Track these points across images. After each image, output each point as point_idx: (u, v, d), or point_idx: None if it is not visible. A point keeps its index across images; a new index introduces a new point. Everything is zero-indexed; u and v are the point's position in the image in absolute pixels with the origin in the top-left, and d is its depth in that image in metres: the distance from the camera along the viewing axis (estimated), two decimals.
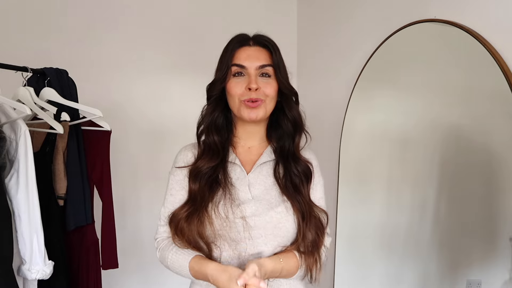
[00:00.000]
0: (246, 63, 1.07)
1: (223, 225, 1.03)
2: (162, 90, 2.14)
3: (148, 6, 2.10)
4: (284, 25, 2.42)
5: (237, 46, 1.10)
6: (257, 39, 1.11)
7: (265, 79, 1.08)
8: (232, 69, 1.08)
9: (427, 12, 1.58)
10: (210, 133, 1.12)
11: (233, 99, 1.09)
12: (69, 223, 1.43)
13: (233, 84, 1.08)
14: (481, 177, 1.42)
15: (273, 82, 1.09)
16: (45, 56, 1.76)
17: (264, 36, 1.12)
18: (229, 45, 1.11)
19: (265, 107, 1.08)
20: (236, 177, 1.10)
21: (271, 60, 1.09)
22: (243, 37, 1.12)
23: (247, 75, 1.08)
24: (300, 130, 1.14)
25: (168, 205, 1.12)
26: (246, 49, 1.10)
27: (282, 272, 1.02)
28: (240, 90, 1.07)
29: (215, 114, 1.12)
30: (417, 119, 1.65)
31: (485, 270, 1.38)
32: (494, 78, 1.33)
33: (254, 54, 1.09)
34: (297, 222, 1.06)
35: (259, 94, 1.06)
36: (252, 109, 1.07)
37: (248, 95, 1.06)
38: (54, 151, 1.44)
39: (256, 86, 1.05)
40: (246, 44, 1.10)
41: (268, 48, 1.10)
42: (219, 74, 1.10)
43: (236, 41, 1.11)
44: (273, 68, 1.09)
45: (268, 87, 1.08)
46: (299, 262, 1.04)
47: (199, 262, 1.01)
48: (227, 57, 1.09)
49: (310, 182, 1.12)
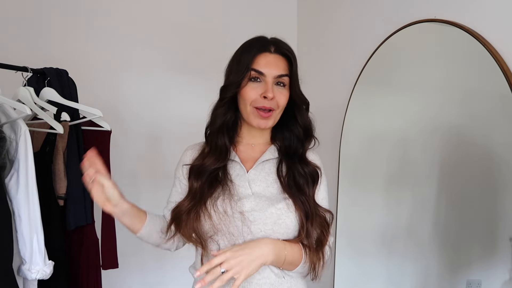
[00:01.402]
0: (265, 70, 1.06)
1: (222, 219, 1.04)
2: (162, 90, 2.14)
3: (148, 6, 2.10)
4: (284, 25, 2.41)
5: (258, 51, 1.08)
6: (279, 47, 1.10)
7: (280, 88, 1.08)
8: (251, 73, 1.07)
9: (427, 12, 1.58)
10: (221, 135, 1.12)
11: (245, 104, 1.08)
12: (69, 223, 1.43)
13: (248, 89, 1.07)
14: (481, 177, 1.42)
15: (286, 92, 1.09)
16: (45, 56, 1.75)
17: (285, 44, 1.11)
18: (249, 48, 1.09)
19: (275, 116, 1.09)
20: (236, 173, 1.11)
21: (289, 70, 1.09)
22: (265, 41, 1.10)
23: (264, 82, 1.07)
24: (311, 136, 1.15)
25: (171, 199, 1.19)
26: (267, 56, 1.08)
27: (286, 258, 1.03)
28: (255, 96, 1.06)
29: (227, 116, 1.12)
30: (417, 119, 1.65)
31: (485, 270, 1.38)
32: (494, 78, 1.32)
33: (273, 62, 1.08)
34: (300, 221, 1.06)
35: (273, 103, 1.07)
36: (263, 119, 1.08)
37: (262, 102, 1.06)
38: (54, 151, 1.44)
39: (272, 96, 1.05)
40: (267, 50, 1.08)
41: (287, 57, 1.10)
42: (236, 77, 1.08)
43: (258, 46, 1.09)
44: (290, 78, 1.09)
45: (281, 97, 1.08)
46: (304, 255, 1.05)
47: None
48: (247, 60, 1.07)
49: (316, 185, 1.12)
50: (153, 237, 1.14)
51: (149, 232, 1.12)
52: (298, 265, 1.05)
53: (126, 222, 1.08)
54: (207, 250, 1.06)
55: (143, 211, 1.12)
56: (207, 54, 2.19)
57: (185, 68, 2.17)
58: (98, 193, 1.00)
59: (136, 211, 1.09)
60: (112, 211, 1.03)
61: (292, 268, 1.06)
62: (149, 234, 1.12)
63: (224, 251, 0.96)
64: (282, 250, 1.02)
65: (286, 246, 1.03)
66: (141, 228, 1.10)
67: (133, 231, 1.11)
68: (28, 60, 1.54)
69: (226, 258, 0.94)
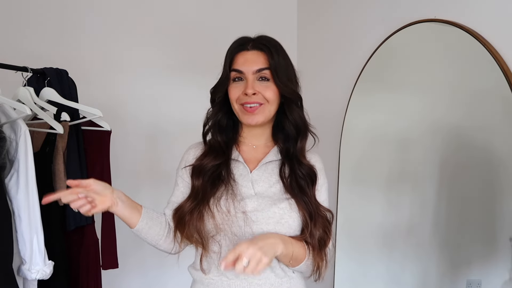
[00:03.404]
0: (243, 68, 1.08)
1: (225, 219, 1.04)
2: (162, 90, 2.14)
3: (148, 7, 2.10)
4: (284, 25, 2.41)
5: (236, 50, 1.11)
6: (256, 42, 1.10)
7: (264, 82, 1.08)
8: (232, 74, 1.10)
9: (427, 12, 1.58)
10: (214, 134, 1.14)
11: (232, 104, 1.11)
12: (69, 223, 1.43)
13: (232, 89, 1.10)
14: (481, 177, 1.42)
15: (272, 86, 1.09)
16: (45, 56, 1.75)
17: (263, 39, 1.11)
18: (230, 49, 1.12)
19: (265, 111, 1.09)
20: (239, 173, 1.11)
21: (269, 64, 1.08)
22: (243, 41, 1.12)
23: (245, 79, 1.08)
24: (304, 133, 1.13)
25: (173, 198, 1.17)
26: (244, 54, 1.10)
27: (293, 251, 1.02)
28: (237, 94, 1.08)
29: (218, 116, 1.14)
30: (417, 119, 1.65)
31: (485, 270, 1.39)
32: (494, 78, 1.32)
33: (251, 58, 1.09)
34: (304, 221, 1.06)
35: (257, 98, 1.07)
36: (250, 115, 1.08)
37: (245, 99, 1.07)
38: (54, 151, 1.44)
39: (253, 91, 1.06)
40: (244, 48, 1.10)
41: (266, 51, 1.09)
42: (220, 79, 1.12)
43: (235, 46, 1.12)
44: (270, 71, 1.08)
45: (267, 90, 1.08)
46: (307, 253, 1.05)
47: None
48: (228, 61, 1.10)
49: (315, 184, 1.12)
50: (150, 234, 1.09)
51: (146, 226, 1.08)
52: (302, 261, 1.06)
53: (123, 214, 1.04)
54: (208, 251, 1.06)
55: (139, 205, 1.09)
56: (206, 54, 2.19)
57: (185, 68, 2.17)
58: (99, 200, 0.98)
59: (131, 202, 1.07)
60: (109, 204, 1.00)
61: (297, 264, 1.06)
62: (147, 228, 1.08)
63: (238, 244, 0.92)
64: (289, 243, 1.02)
65: (292, 240, 1.04)
66: (137, 222, 1.06)
67: (131, 225, 1.07)
68: (28, 60, 1.54)
69: (243, 248, 0.90)
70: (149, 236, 1.10)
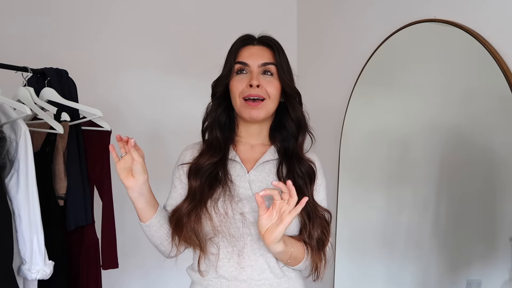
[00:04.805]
0: (249, 61, 1.09)
1: (223, 221, 1.04)
2: (162, 90, 2.14)
3: (148, 6, 2.10)
4: (284, 25, 2.42)
5: (241, 45, 1.12)
6: (261, 38, 1.14)
7: (268, 77, 1.09)
8: (235, 66, 1.10)
9: (427, 12, 1.58)
10: (213, 130, 1.14)
11: (234, 97, 1.10)
12: (69, 223, 1.43)
13: (235, 81, 1.10)
14: (481, 177, 1.42)
15: (275, 81, 1.10)
16: (45, 56, 1.75)
17: (268, 37, 1.14)
18: (233, 44, 1.13)
19: (267, 106, 1.09)
20: (236, 174, 1.11)
21: (274, 59, 1.10)
22: (248, 37, 1.14)
23: (249, 72, 1.09)
24: (304, 130, 1.14)
25: (170, 201, 1.16)
26: (250, 48, 1.12)
27: (293, 250, 1.03)
28: (241, 87, 1.08)
29: (218, 111, 1.14)
30: (417, 119, 1.65)
31: (485, 270, 1.38)
32: (494, 78, 1.32)
33: (257, 52, 1.11)
34: (302, 222, 1.06)
35: (261, 92, 1.07)
36: (253, 109, 1.08)
37: (249, 91, 1.07)
38: (54, 151, 1.44)
39: (257, 83, 1.06)
40: (250, 43, 1.13)
41: (271, 48, 1.12)
42: (223, 72, 1.12)
43: (241, 40, 1.13)
44: (276, 66, 1.10)
45: (270, 85, 1.09)
46: (305, 253, 1.06)
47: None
48: (232, 55, 1.11)
49: (313, 183, 1.12)
50: (159, 232, 1.08)
51: (157, 224, 1.07)
52: (301, 260, 1.06)
53: (139, 205, 1.04)
54: (206, 253, 1.05)
55: (157, 203, 1.09)
56: (207, 54, 2.19)
57: (185, 68, 2.17)
58: (122, 165, 0.99)
59: (152, 198, 1.07)
60: (131, 186, 1.00)
61: (296, 263, 1.06)
62: (158, 225, 1.07)
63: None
64: (288, 241, 1.02)
65: (291, 240, 1.04)
66: (151, 217, 1.06)
67: (143, 219, 1.06)
68: (28, 60, 1.54)
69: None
70: (157, 234, 1.09)
